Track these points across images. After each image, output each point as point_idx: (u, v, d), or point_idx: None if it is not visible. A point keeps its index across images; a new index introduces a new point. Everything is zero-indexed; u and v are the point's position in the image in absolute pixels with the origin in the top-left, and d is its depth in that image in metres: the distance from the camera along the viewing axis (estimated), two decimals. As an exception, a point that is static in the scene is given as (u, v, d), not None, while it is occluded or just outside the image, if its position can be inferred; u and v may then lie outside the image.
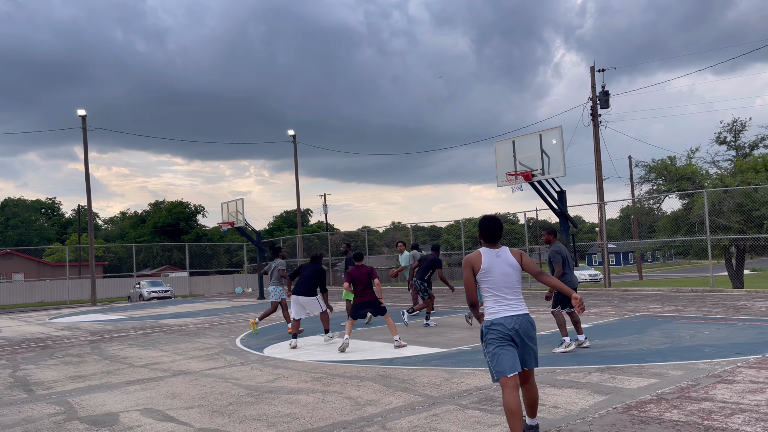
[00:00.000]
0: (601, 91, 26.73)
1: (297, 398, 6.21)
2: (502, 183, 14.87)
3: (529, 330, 4.23)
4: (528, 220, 23.77)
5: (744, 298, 14.65)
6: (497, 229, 4.39)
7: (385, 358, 8.44)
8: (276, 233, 62.92)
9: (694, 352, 7.61)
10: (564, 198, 14.56)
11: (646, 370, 6.62)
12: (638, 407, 5.13)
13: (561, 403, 5.40)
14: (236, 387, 6.97)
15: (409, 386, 6.46)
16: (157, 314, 19.71)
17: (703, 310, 12.22)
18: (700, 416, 4.77)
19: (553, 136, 14.05)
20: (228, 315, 17.56)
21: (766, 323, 9.89)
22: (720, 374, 6.24)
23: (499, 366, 4.10)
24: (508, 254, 4.32)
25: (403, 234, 33.59)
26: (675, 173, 25.56)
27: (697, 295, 16.19)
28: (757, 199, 21.94)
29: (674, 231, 24.56)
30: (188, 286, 36.75)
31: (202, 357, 9.48)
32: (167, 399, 6.55)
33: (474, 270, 4.26)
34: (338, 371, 7.61)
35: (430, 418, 5.16)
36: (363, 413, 5.47)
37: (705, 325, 10.06)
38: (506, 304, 4.21)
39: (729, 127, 26.54)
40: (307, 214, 76.41)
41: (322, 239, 43.53)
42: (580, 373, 6.65)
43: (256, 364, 8.48)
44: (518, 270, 4.30)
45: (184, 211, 72.23)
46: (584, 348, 8.30)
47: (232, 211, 26.09)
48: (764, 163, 24.23)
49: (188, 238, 63.52)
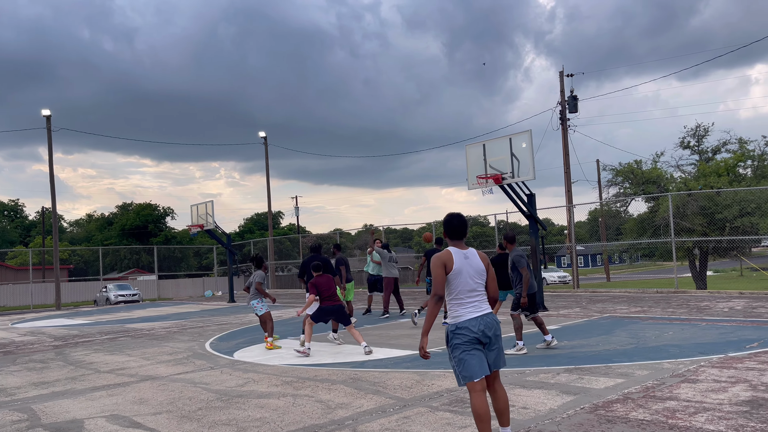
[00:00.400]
0: (570, 95, 27.16)
1: (267, 402, 6.16)
2: (473, 186, 14.98)
3: (496, 329, 4.23)
4: (498, 222, 24.04)
5: (707, 299, 15.03)
6: (461, 226, 4.36)
7: (356, 360, 8.43)
8: (247, 236, 62.31)
9: (659, 352, 7.78)
10: (533, 201, 14.74)
11: (613, 371, 6.74)
12: (605, 407, 5.22)
13: (530, 404, 5.47)
14: (205, 392, 6.88)
15: (381, 389, 6.47)
16: (124, 318, 19.35)
17: (668, 311, 12.49)
18: (665, 415, 4.88)
19: (523, 140, 14.22)
20: (197, 318, 17.33)
21: (728, 323, 10.16)
22: (684, 374, 6.39)
23: (465, 371, 4.10)
24: (476, 258, 4.30)
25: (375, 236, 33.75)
26: (641, 177, 26.10)
27: (662, 296, 16.55)
28: (720, 203, 22.54)
29: (640, 233, 25.09)
30: (157, 289, 36.17)
31: (170, 362, 9.34)
32: (134, 405, 6.43)
33: (447, 268, 4.19)
34: (309, 375, 7.57)
35: (401, 421, 5.17)
36: (334, 417, 5.45)
37: (669, 325, 10.28)
38: (470, 306, 4.19)
39: (692, 132, 27.23)
40: (279, 216, 75.89)
41: (293, 242, 43.27)
42: (549, 374, 6.73)
43: (226, 369, 8.39)
44: (483, 275, 4.28)
45: (153, 213, 71.08)
46: (553, 348, 8.41)
47: (201, 214, 25.74)
48: (726, 168, 24.92)
49: (157, 240, 62.52)
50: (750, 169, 25.42)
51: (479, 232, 60.49)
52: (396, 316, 14.08)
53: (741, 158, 25.17)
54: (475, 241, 58.58)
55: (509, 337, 8.91)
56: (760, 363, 6.74)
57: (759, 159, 25.03)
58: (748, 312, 11.62)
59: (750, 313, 11.38)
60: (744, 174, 25.32)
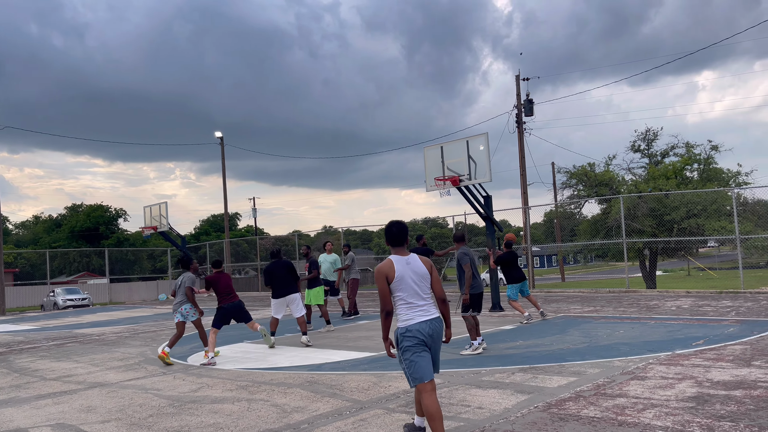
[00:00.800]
0: (526, 99, 27.64)
1: (221, 407, 6.04)
2: (431, 188, 15.07)
3: (441, 334, 4.43)
4: (457, 224, 24.24)
5: (656, 298, 15.50)
6: (400, 233, 4.47)
7: (313, 363, 8.35)
8: (203, 238, 61.22)
9: (610, 350, 7.97)
10: (490, 203, 14.92)
11: (566, 369, 6.87)
12: (558, 405, 5.31)
13: (485, 404, 5.51)
14: (157, 398, 6.70)
15: (337, 392, 6.42)
16: (72, 323, 18.71)
17: (619, 310, 12.83)
18: (615, 412, 4.99)
19: (480, 143, 14.38)
20: (151, 323, 16.90)
21: (676, 322, 10.49)
22: (633, 371, 6.56)
23: (417, 373, 4.22)
24: (417, 262, 4.41)
25: (335, 238, 33.54)
26: (594, 179, 26.79)
27: (614, 295, 16.99)
28: (668, 204, 23.32)
29: (593, 234, 25.73)
30: (108, 293, 35.14)
31: (120, 368, 9.07)
32: (81, 413, 6.21)
33: (388, 279, 4.30)
34: (265, 378, 7.47)
35: (358, 423, 5.15)
36: (289, 420, 5.38)
37: (621, 324, 10.55)
38: (419, 310, 4.31)
39: (643, 136, 28.10)
40: (236, 218, 74.82)
41: (251, 244, 42.73)
42: (505, 374, 6.81)
43: (179, 374, 8.19)
44: (427, 278, 4.39)
45: (104, 214, 69.07)
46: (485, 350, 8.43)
47: (155, 215, 25.14)
48: (674, 171, 25.81)
49: (108, 243, 60.77)
50: (696, 172, 26.41)
51: (438, 234, 60.90)
52: (339, 320, 14.04)
53: (688, 162, 26.11)
54: (434, 242, 58.96)
55: (464, 338, 8.97)
56: (706, 360, 6.98)
57: (705, 162, 26.02)
58: (695, 310, 12.03)
59: (696, 312, 11.78)
60: (691, 177, 26.28)
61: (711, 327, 9.60)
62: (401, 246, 4.48)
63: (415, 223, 59.39)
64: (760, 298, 13.87)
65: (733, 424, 4.49)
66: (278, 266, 10.16)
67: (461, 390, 6.13)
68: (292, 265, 10.31)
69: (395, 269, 4.31)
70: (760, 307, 12.12)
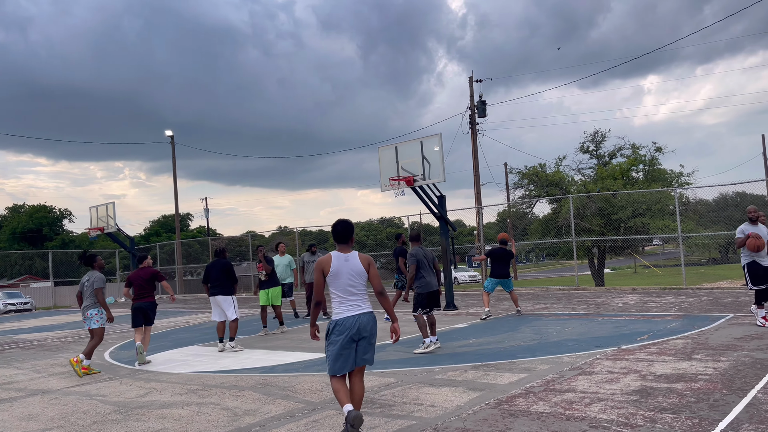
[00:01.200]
0: (479, 100, 28.03)
1: (170, 412, 5.89)
2: (386, 188, 15.11)
3: (371, 328, 4.66)
4: (412, 223, 24.42)
5: (604, 295, 15.95)
6: (344, 231, 4.78)
7: (266, 366, 8.25)
8: (153, 239, 59.73)
9: (559, 346, 8.15)
10: (444, 203, 15.06)
11: (517, 366, 6.99)
12: (508, 401, 5.39)
13: (438, 402, 5.55)
14: (102, 404, 6.49)
15: (290, 393, 6.35)
16: (13, 329, 17.95)
17: (569, 307, 13.14)
18: (563, 407, 5.10)
19: (434, 143, 14.50)
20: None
21: (622, 318, 10.82)
22: (581, 366, 6.73)
23: (334, 366, 4.62)
24: (356, 260, 4.70)
25: (290, 239, 33.20)
26: (545, 179, 27.37)
27: (564, 293, 17.40)
28: (615, 204, 24.05)
29: (544, 233, 26.30)
30: (52, 297, 33.86)
31: (64, 374, 8.74)
32: (21, 421, 5.95)
33: (324, 272, 4.66)
34: (216, 382, 7.33)
35: (310, 425, 5.10)
36: (240, 424, 5.29)
37: (570, 321, 10.81)
38: (350, 305, 4.65)
39: (591, 138, 28.87)
40: (188, 218, 73.29)
41: (203, 244, 41.93)
42: (457, 371, 6.88)
43: (126, 379, 7.96)
44: (363, 275, 4.70)
45: (48, 215, 66.54)
46: (437, 348, 8.52)
47: (102, 216, 24.38)
48: (621, 171, 26.61)
49: (52, 245, 58.57)
50: (642, 173, 27.31)
51: (394, 233, 61.13)
52: (293, 321, 13.93)
53: (634, 162, 26.98)
54: (389, 241, 59.18)
55: (419, 337, 9.02)
56: (649, 354, 7.22)
57: (650, 163, 26.93)
58: (640, 306, 12.44)
59: (641, 308, 12.18)
60: (637, 177, 27.16)
61: (655, 322, 9.93)
62: (345, 243, 4.77)
63: (371, 223, 59.50)
64: (701, 294, 14.45)
65: (675, 416, 4.65)
66: (215, 266, 9.98)
67: (414, 389, 6.16)
68: (230, 266, 9.99)
69: (332, 264, 4.64)
70: (701, 302, 12.62)
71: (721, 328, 8.97)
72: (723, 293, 14.38)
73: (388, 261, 56.15)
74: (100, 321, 8.60)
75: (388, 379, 6.73)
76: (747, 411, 4.68)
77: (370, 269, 4.72)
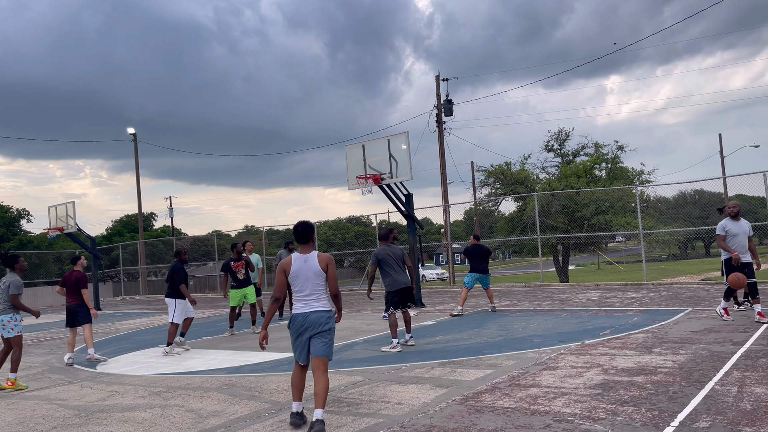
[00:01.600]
0: (446, 99, 28.17)
1: (132, 415, 5.77)
2: (353, 186, 15.08)
3: (322, 324, 4.93)
4: (380, 222, 24.41)
5: (568, 291, 16.23)
6: (304, 231, 5.05)
7: (231, 366, 8.15)
8: (115, 239, 58.41)
9: (524, 342, 8.26)
10: (411, 201, 15.10)
11: (483, 362, 7.05)
12: (474, 397, 5.44)
13: (405, 399, 5.56)
14: (62, 408, 6.31)
15: (256, 394, 6.29)
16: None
17: (534, 303, 13.33)
18: (528, 402, 5.17)
19: (402, 142, 14.54)
20: (57, 330, 15.93)
21: (586, 313, 11.02)
22: (546, 362, 6.82)
23: (294, 354, 5.08)
24: (314, 261, 4.99)
25: (256, 238, 32.85)
26: (510, 178, 27.69)
27: (530, 289, 17.64)
28: (579, 202, 24.49)
29: (510, 231, 26.62)
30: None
31: (22, 378, 8.47)
32: (-25, 429, 5.75)
33: (286, 273, 5.02)
34: (180, 383, 7.21)
35: (276, 425, 5.06)
36: (205, 426, 5.22)
37: (535, 317, 10.96)
38: (304, 302, 4.98)
39: (556, 137, 29.34)
40: (151, 218, 71.78)
41: (167, 244, 41.19)
42: (424, 369, 6.91)
43: (87, 382, 7.76)
44: (320, 275, 4.99)
45: (5, 215, 64.46)
46: (410, 346, 8.57)
47: (61, 216, 23.70)
48: (584, 170, 27.11)
49: (10, 246, 56.84)
50: (605, 171, 27.87)
51: (362, 232, 61.08)
52: (259, 320, 13.84)
53: (597, 161, 27.51)
54: (357, 240, 59.12)
55: (388, 335, 9.04)
56: (612, 348, 7.37)
57: (612, 162, 27.49)
58: (603, 302, 12.69)
59: (604, 303, 12.43)
60: (600, 175, 27.71)
61: (617, 317, 10.15)
62: (305, 243, 5.06)
63: (339, 221, 59.33)
64: (661, 289, 14.82)
65: (636, 408, 4.75)
66: (171, 268, 9.94)
67: (381, 386, 6.16)
68: (177, 269, 9.79)
69: (293, 266, 4.99)
70: (661, 297, 12.95)
71: (680, 322, 9.21)
72: (682, 288, 14.78)
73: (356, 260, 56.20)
74: (16, 328, 7.74)
75: (355, 377, 6.72)
76: (705, 402, 4.81)
77: (328, 269, 5.01)
